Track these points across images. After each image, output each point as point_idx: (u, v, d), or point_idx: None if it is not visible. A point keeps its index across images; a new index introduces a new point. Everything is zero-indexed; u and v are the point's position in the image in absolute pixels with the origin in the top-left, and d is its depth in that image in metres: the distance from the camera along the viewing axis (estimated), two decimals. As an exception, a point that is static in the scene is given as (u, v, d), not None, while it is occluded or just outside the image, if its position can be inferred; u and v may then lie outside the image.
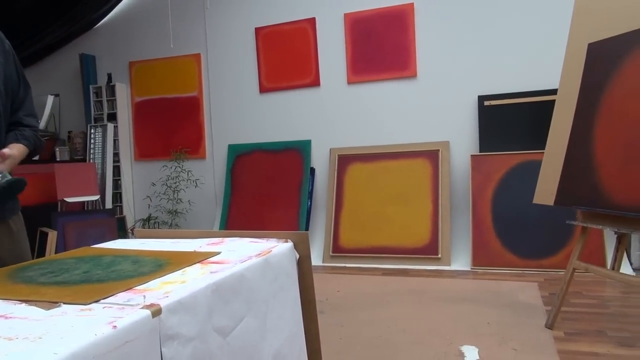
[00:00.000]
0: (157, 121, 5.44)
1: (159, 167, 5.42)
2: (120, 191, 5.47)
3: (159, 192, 5.36)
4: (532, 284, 3.39)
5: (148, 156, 5.52)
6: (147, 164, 5.54)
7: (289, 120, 4.92)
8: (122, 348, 0.80)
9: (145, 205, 5.49)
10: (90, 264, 1.27)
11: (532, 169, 3.84)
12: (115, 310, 0.88)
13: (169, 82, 5.37)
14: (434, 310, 2.94)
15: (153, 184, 5.44)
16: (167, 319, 0.91)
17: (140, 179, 5.57)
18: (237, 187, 4.98)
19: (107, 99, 5.49)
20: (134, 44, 5.53)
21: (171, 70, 5.35)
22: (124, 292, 0.99)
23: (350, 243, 4.35)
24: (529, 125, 4.06)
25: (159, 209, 5.32)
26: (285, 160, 4.83)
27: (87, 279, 1.12)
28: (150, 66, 5.45)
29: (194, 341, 0.99)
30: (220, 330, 1.09)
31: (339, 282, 3.71)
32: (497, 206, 3.97)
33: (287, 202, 4.71)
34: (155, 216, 5.32)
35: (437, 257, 4.02)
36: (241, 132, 5.12)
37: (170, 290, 1.00)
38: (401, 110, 4.52)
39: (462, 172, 4.29)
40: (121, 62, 5.59)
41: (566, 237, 3.74)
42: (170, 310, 0.92)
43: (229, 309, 1.14)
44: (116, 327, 0.80)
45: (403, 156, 4.40)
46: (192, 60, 5.25)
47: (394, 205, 4.31)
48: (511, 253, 3.84)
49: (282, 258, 1.45)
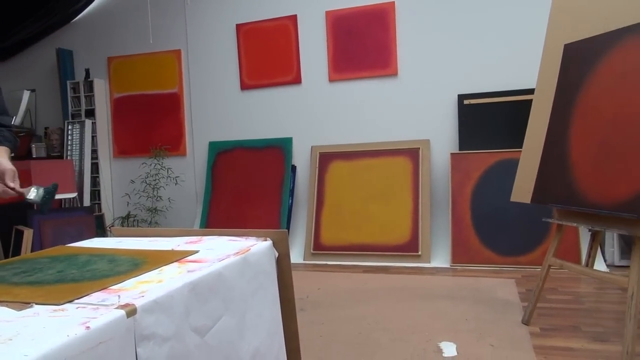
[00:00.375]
0: (137, 118, 5.38)
1: (138, 164, 5.36)
2: (98, 189, 5.39)
3: (138, 189, 5.30)
4: (509, 281, 3.44)
5: (127, 153, 5.45)
6: (126, 161, 5.47)
7: (271, 117, 4.91)
8: (95, 349, 0.79)
9: (124, 203, 5.43)
10: (64, 264, 1.25)
11: (511, 167, 3.89)
12: (89, 310, 0.87)
13: (148, 78, 5.31)
14: (413, 307, 2.97)
15: (132, 182, 5.37)
16: (142, 319, 0.90)
17: (119, 177, 5.50)
18: (218, 184, 4.95)
19: (84, 95, 5.41)
20: (113, 39, 5.45)
21: (151, 66, 5.29)
22: (98, 292, 0.98)
23: (331, 241, 4.36)
24: (507, 124, 4.12)
25: (138, 207, 5.27)
26: (267, 157, 4.82)
27: (61, 278, 1.10)
28: (129, 62, 5.38)
29: (170, 341, 0.98)
30: (198, 330, 1.09)
31: (319, 279, 3.72)
32: (476, 204, 4.02)
33: (268, 199, 4.70)
34: (135, 214, 5.27)
35: (417, 254, 4.06)
36: (222, 129, 5.09)
37: (146, 289, 0.99)
38: (382, 109, 4.54)
39: (442, 170, 4.33)
40: (99, 57, 5.51)
41: (543, 235, 3.81)
42: (145, 310, 0.92)
43: (207, 308, 1.13)
44: (89, 327, 0.79)
45: (384, 154, 4.43)
46: (173, 56, 5.20)
47: (374, 203, 4.33)
48: (489, 250, 3.89)
49: (261, 256, 1.45)
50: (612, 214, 2.10)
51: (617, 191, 2.09)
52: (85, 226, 4.50)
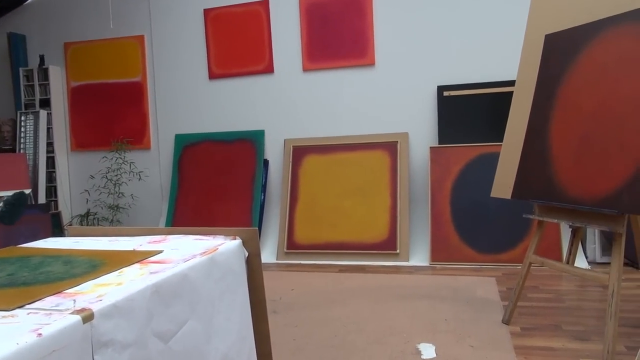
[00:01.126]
0: (96, 108, 5.29)
1: (98, 158, 5.28)
2: (54, 184, 5.29)
3: (98, 185, 5.23)
4: (489, 279, 3.51)
5: (86, 146, 5.36)
6: (85, 155, 5.38)
7: (241, 108, 4.88)
8: (48, 358, 0.77)
9: (83, 200, 5.34)
10: (16, 266, 1.22)
11: (492, 162, 3.96)
12: (42, 316, 0.85)
13: (109, 66, 5.22)
14: (391, 308, 2.99)
15: (92, 177, 5.29)
16: (100, 325, 0.89)
17: (77, 172, 5.41)
18: (185, 180, 4.90)
19: (39, 84, 5.29)
20: (70, 23, 5.34)
21: (111, 52, 5.19)
22: (52, 296, 0.96)
23: (305, 239, 4.37)
24: (488, 117, 4.18)
25: (98, 204, 5.19)
26: (237, 151, 4.79)
27: (11, 282, 1.08)
28: (87, 48, 5.28)
29: (131, 347, 0.97)
30: (161, 335, 1.08)
31: (293, 280, 3.72)
32: (456, 199, 4.08)
33: (239, 196, 4.68)
34: (95, 212, 5.20)
35: (395, 252, 4.09)
36: (189, 121, 5.04)
37: (104, 293, 0.98)
38: (359, 100, 4.56)
39: (421, 165, 4.38)
40: (55, 43, 5.39)
41: (524, 231, 3.89)
42: (103, 315, 0.90)
43: (171, 312, 1.12)
44: (41, 335, 0.77)
45: (361, 148, 4.45)
46: (135, 42, 5.12)
47: (351, 198, 4.35)
48: (469, 247, 3.96)
49: (229, 256, 1.44)
50: (593, 209, 2.16)
51: (598, 186, 2.15)
52: (40, 225, 4.40)
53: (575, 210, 2.33)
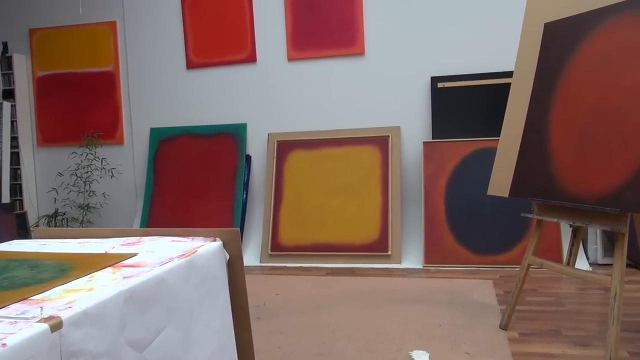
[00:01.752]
0: (65, 100, 5.24)
1: (67, 153, 5.24)
2: (19, 182, 5.24)
3: (67, 183, 5.19)
4: (486, 282, 3.54)
5: (54, 141, 5.31)
6: (53, 151, 5.33)
7: (221, 100, 4.86)
8: (13, 369, 0.77)
9: (50, 199, 5.29)
10: (-23, 271, 1.21)
11: (488, 157, 3.99)
12: (6, 325, 0.84)
13: (78, 54, 5.17)
14: (382, 313, 3.01)
15: (60, 174, 5.25)
16: (69, 334, 0.89)
17: (44, 168, 5.36)
18: (161, 177, 4.88)
19: (2, 73, 5.24)
20: (35, 8, 5.28)
21: (81, 40, 5.15)
22: (17, 304, 0.96)
23: (290, 240, 4.37)
24: (485, 110, 4.22)
25: (67, 204, 5.16)
26: (217, 146, 4.78)
27: (-28, 288, 1.07)
28: (55, 35, 5.22)
29: (103, 358, 0.97)
30: (136, 344, 1.08)
31: (278, 284, 3.73)
32: (451, 198, 4.11)
33: (220, 194, 4.67)
34: (64, 212, 5.16)
35: (386, 254, 4.11)
36: (165, 114, 5.01)
37: (74, 299, 0.98)
38: (347, 92, 4.57)
39: (414, 161, 4.40)
40: (19, 29, 5.32)
41: (522, 231, 3.93)
42: (73, 323, 0.90)
43: (146, 320, 1.12)
44: (6, 345, 0.77)
45: (350, 143, 4.46)
46: (107, 29, 5.08)
47: (339, 197, 4.36)
48: (465, 249, 3.99)
49: (209, 259, 1.45)
50: (595, 208, 2.18)
51: (600, 183, 2.18)
52: (4, 227, 4.36)
53: (576, 208, 2.36)
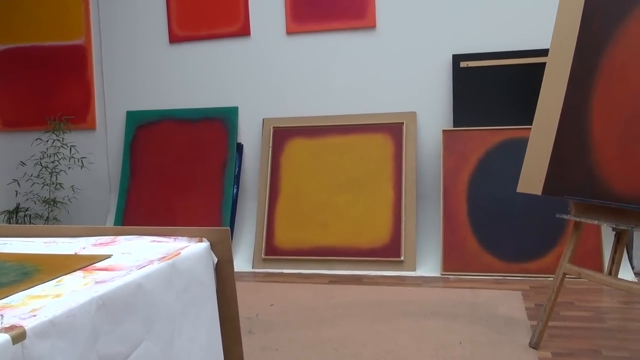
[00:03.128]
0: (28, 78, 5.24)
1: (30, 140, 5.23)
2: (-25, 173, 5.26)
3: (30, 174, 5.18)
4: (514, 293, 3.54)
5: (14, 126, 5.32)
6: (14, 136, 5.34)
7: (209, 80, 4.86)
8: (-31, 386, 0.77)
9: (11, 193, 5.30)
10: None
11: (519, 149, 3.98)
12: (-39, 335, 0.85)
13: (43, 26, 5.16)
14: (393, 328, 3.01)
15: (22, 164, 5.25)
16: (34, 346, 0.89)
17: (3, 157, 5.36)
18: (139, 168, 4.89)
19: (-45, 46, 5.26)
20: (-5, -30, 5.28)
21: (47, 8, 5.14)
22: (-26, 311, 0.96)
23: (288, 242, 4.38)
24: (515, 94, 4.20)
25: (31, 198, 5.16)
26: (204, 133, 4.78)
27: None
28: (15, 2, 5.22)
29: (72, 374, 0.97)
30: (110, 359, 1.08)
31: (273, 293, 3.73)
32: (474, 196, 4.10)
33: (206, 188, 4.67)
34: (26, 207, 5.17)
35: (399, 260, 4.11)
36: (144, 95, 5.01)
37: (39, 306, 0.98)
38: (356, 71, 4.56)
39: (432, 152, 4.40)
40: (-24, -5, 5.33)
41: (557, 235, 3.92)
42: (38, 334, 0.90)
43: (121, 331, 1.13)
44: (-39, 358, 0.77)
45: (357, 130, 4.46)
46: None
47: (345, 193, 4.36)
48: (490, 255, 3.99)
49: (194, 263, 1.45)
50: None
51: (648, 180, 2.17)
52: (-43, 223, 4.37)
53: (620, 209, 2.36)
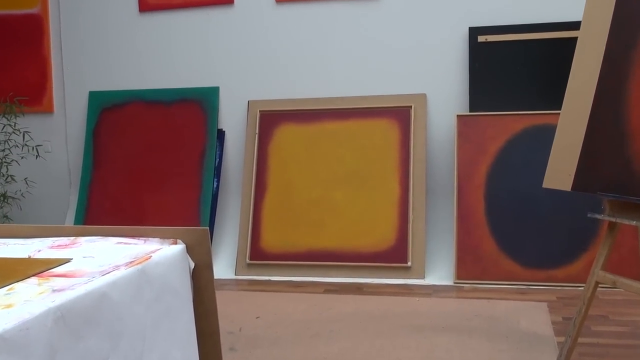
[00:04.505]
0: (-26, 52, 5.23)
1: (-24, 124, 5.22)
2: None
3: (-24, 164, 5.17)
4: (539, 305, 3.54)
5: (-42, 107, 5.30)
6: (-43, 120, 5.32)
7: (186, 55, 4.85)
8: None
9: (-46, 185, 5.29)
10: None
11: (545, 138, 3.98)
12: None
13: (-8, -10, 5.16)
14: (399, 345, 3.02)
15: (-33, 152, 5.24)
16: (-19, 364, 0.89)
17: (-55, 144, 5.35)
18: (104, 158, 4.88)
19: None
20: None
21: (-4, -30, 5.13)
22: None
23: (277, 245, 4.37)
24: (542, 74, 4.20)
25: (-24, 192, 5.15)
26: (179, 117, 4.77)
27: None
28: (-39, -37, 5.20)
29: (25, 397, 0.97)
30: (69, 380, 1.08)
31: (259, 303, 3.73)
32: (493, 192, 4.10)
33: (182, 181, 4.67)
34: (-29, 202, 5.15)
35: (405, 265, 4.12)
36: (110, 73, 5.00)
37: (-14, 319, 0.98)
38: (356, 46, 4.55)
39: (445, 141, 4.40)
40: None
41: (589, 238, 3.93)
42: (-14, 351, 0.91)
43: (83, 348, 1.13)
44: None
45: (358, 115, 4.45)
46: (31, -44, 5.07)
47: (343, 188, 4.36)
48: (511, 260, 3.99)
49: (168, 268, 1.45)
50: (686, 207, 2.18)
51: (694, 175, 2.17)
52: None
53: (661, 208, 2.36)
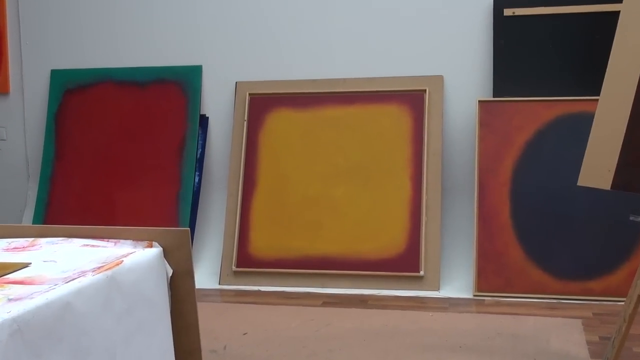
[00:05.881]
0: None
1: None
2: None
3: None
4: (573, 322, 3.54)
5: None
6: None
7: (163, 29, 4.85)
8: None
9: None
10: None
11: (581, 128, 3.98)
12: None
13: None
14: (408, 366, 3.02)
15: None
16: None
17: None
18: (68, 146, 4.88)
19: None
20: None
21: None
22: None
23: (268, 250, 4.37)
24: (577, 53, 4.20)
25: None
26: (156, 100, 4.77)
27: None
28: None
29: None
30: (26, 404, 1.08)
31: (247, 317, 3.73)
32: (520, 190, 4.09)
33: (158, 175, 4.67)
34: None
35: (417, 275, 4.11)
36: (75, 49, 5.01)
37: None
38: (362, 20, 4.55)
39: (464, 130, 4.40)
40: None
41: (631, 245, 3.92)
42: None
43: (43, 366, 1.13)
44: None
45: (364, 100, 4.45)
46: None
47: (345, 184, 4.35)
48: (541, 269, 3.98)
49: (142, 275, 1.46)
50: None
51: None
52: None
53: None
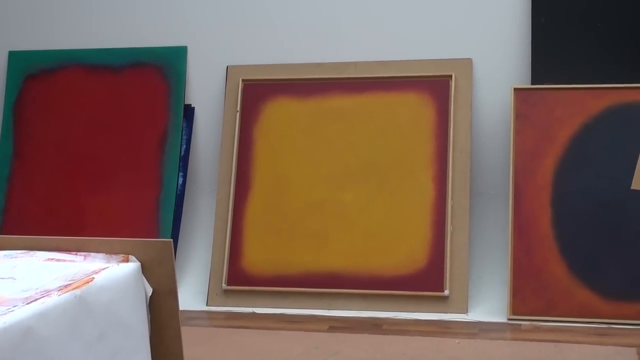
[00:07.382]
0: None
1: None
2: None
3: None
4: (626, 350, 3.53)
5: None
6: None
7: (140, 3, 4.87)
8: None
9: None
10: None
11: (636, 121, 3.97)
12: None
13: None
14: (431, 403, 3.02)
15: None
16: None
17: None
18: (29, 142, 4.90)
19: None
20: None
21: None
22: None
23: (264, 265, 4.37)
24: (632, 33, 4.19)
25: None
26: (132, 87, 4.80)
27: None
28: None
29: None
30: None
31: (240, 344, 3.73)
32: (564, 195, 4.09)
33: (134, 176, 4.68)
34: None
35: (441, 294, 4.11)
36: (37, 27, 5.04)
37: None
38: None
39: (497, 124, 4.40)
40: None
41: (694, 259, 3.92)
42: None
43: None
44: None
45: (378, 87, 4.46)
46: None
47: (355, 187, 4.36)
48: (588, 289, 3.97)
49: (116, 295, 1.46)
50: None
51: None
52: None
53: None
